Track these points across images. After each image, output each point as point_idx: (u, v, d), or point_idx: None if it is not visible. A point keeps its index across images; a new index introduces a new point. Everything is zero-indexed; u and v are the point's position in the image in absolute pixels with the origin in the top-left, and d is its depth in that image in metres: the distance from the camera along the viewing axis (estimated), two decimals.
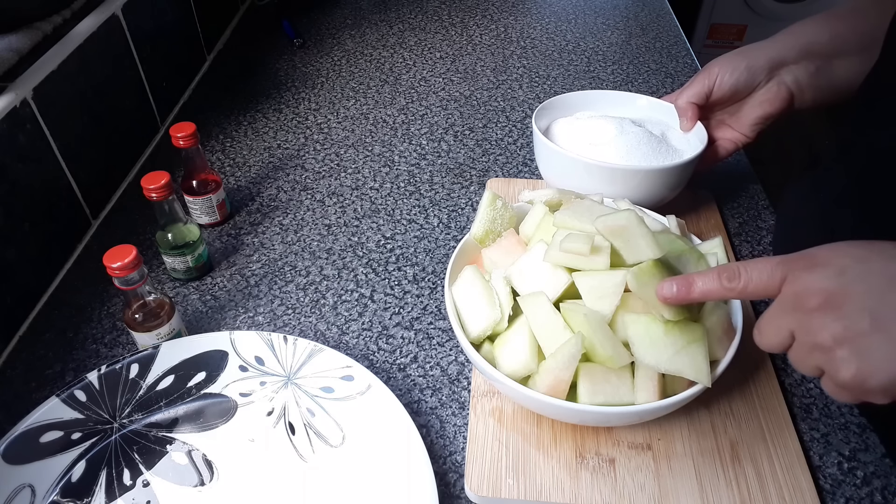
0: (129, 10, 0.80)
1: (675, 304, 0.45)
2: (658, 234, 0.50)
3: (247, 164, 0.85)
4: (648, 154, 0.66)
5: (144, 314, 0.56)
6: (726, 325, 0.50)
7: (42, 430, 0.50)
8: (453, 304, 0.53)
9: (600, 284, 0.48)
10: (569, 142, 0.69)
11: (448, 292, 0.54)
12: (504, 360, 0.49)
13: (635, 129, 0.67)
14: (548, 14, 1.20)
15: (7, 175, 0.61)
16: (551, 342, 0.48)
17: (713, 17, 2.30)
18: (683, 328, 0.47)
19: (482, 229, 0.56)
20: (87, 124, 0.74)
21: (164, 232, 0.64)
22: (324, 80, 1.02)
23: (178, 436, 0.54)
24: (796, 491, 0.49)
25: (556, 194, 0.58)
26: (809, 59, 0.64)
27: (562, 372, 0.46)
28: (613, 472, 0.51)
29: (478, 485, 0.50)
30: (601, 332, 0.47)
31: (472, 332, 0.51)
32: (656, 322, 0.47)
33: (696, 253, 0.52)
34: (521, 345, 0.49)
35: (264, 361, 0.56)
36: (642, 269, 0.46)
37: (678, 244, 0.52)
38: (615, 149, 0.66)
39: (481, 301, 0.51)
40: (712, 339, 0.49)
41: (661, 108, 0.73)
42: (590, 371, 0.47)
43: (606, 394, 0.47)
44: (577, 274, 0.49)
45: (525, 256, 0.52)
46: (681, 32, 1.14)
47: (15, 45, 0.65)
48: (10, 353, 0.62)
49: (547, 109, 0.73)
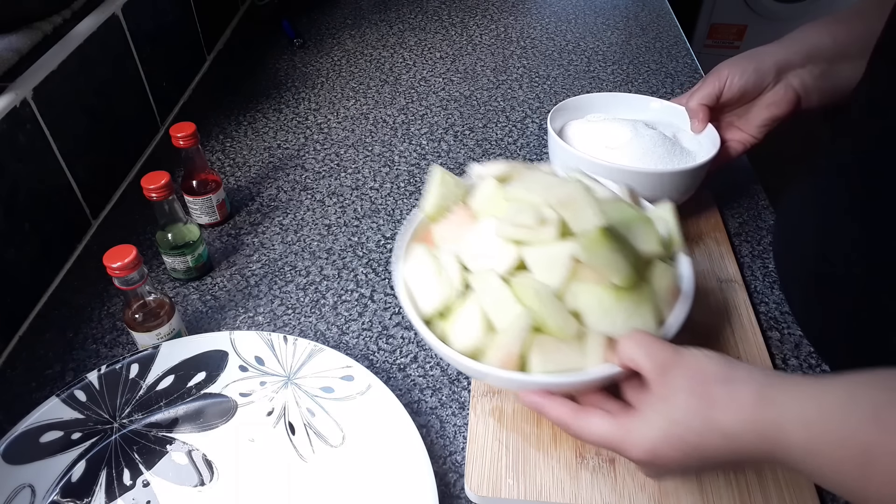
0: (129, 10, 0.80)
1: (526, 404, 0.48)
2: (607, 203, 0.51)
3: (247, 164, 0.85)
4: (664, 157, 0.66)
5: (144, 314, 0.56)
6: (673, 288, 0.51)
7: (42, 430, 0.50)
8: (404, 282, 0.52)
9: (549, 256, 0.48)
10: (584, 144, 0.69)
11: (398, 271, 0.53)
12: (456, 337, 0.49)
13: (650, 132, 0.67)
14: (548, 14, 1.20)
15: (7, 175, 0.61)
16: (502, 317, 0.48)
17: (713, 17, 2.30)
18: (633, 293, 0.47)
19: (434, 206, 0.55)
20: (87, 124, 0.74)
21: (164, 232, 0.64)
22: (324, 80, 1.02)
23: (178, 436, 0.54)
24: (796, 491, 0.49)
25: (506, 168, 0.57)
26: (815, 62, 0.65)
27: (513, 346, 0.47)
28: (613, 471, 0.51)
29: (478, 485, 0.50)
30: (550, 305, 0.47)
31: (424, 309, 0.51)
32: (607, 290, 0.47)
33: (645, 219, 0.52)
34: (472, 320, 0.49)
35: (264, 361, 0.56)
36: (590, 239, 0.46)
37: (628, 212, 0.52)
38: (631, 152, 0.65)
39: (432, 278, 0.51)
40: (662, 301, 0.49)
41: (672, 110, 0.73)
42: (541, 342, 0.47)
43: (558, 363, 0.47)
44: (525, 247, 0.49)
45: (475, 231, 0.52)
46: (681, 32, 1.14)
47: (15, 45, 0.65)
48: (10, 353, 0.62)
49: (559, 112, 0.73)
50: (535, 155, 0.86)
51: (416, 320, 0.50)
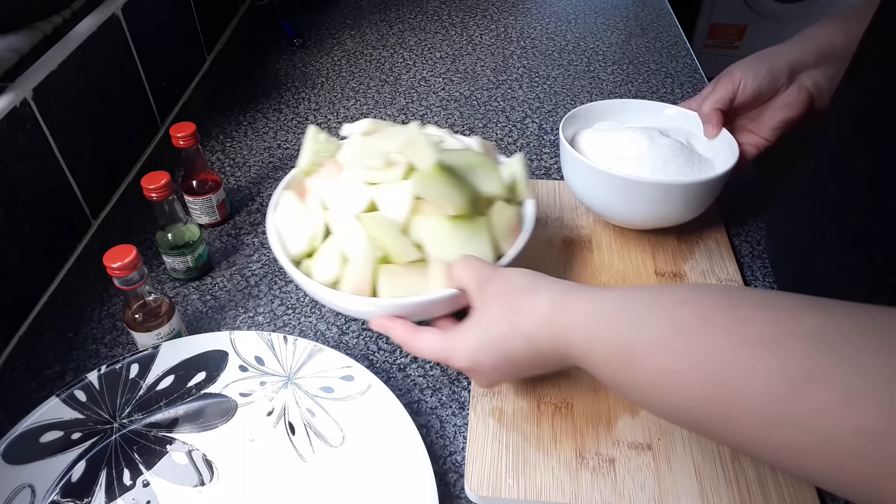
0: (129, 10, 0.80)
1: (375, 328, 0.54)
2: (453, 151, 0.59)
3: (247, 164, 0.85)
4: (683, 166, 0.64)
5: (144, 314, 0.56)
6: (513, 223, 0.57)
7: (42, 430, 0.50)
8: (275, 228, 0.58)
9: (394, 194, 0.55)
10: (599, 155, 0.67)
11: (270, 218, 0.59)
12: (317, 271, 0.55)
13: (666, 141, 0.65)
14: (548, 14, 1.20)
15: (7, 175, 0.61)
16: (354, 249, 0.54)
17: (713, 17, 2.30)
18: (468, 223, 0.54)
19: (307, 162, 0.62)
20: (87, 124, 0.74)
21: (164, 232, 0.64)
22: (324, 80, 1.02)
23: (178, 436, 0.54)
24: (796, 492, 0.49)
25: (371, 125, 0.63)
26: (828, 62, 0.64)
27: (362, 273, 0.53)
28: (613, 472, 0.51)
29: (477, 485, 0.50)
30: (390, 234, 0.53)
31: (293, 250, 0.57)
32: (443, 220, 0.54)
33: (490, 165, 0.58)
34: (330, 255, 0.55)
35: (264, 361, 0.56)
36: (423, 174, 0.53)
37: (473, 158, 0.58)
38: (651, 163, 0.64)
39: (298, 222, 0.58)
40: (499, 235, 0.56)
41: (684, 115, 0.71)
42: (388, 270, 0.53)
43: (403, 288, 0.53)
44: (374, 187, 0.55)
45: (339, 179, 0.58)
46: (681, 32, 1.14)
47: (15, 45, 0.65)
48: (10, 353, 0.62)
49: (570, 122, 0.70)
50: (534, 155, 0.86)
51: (283, 259, 0.56)
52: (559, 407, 0.55)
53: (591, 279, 0.66)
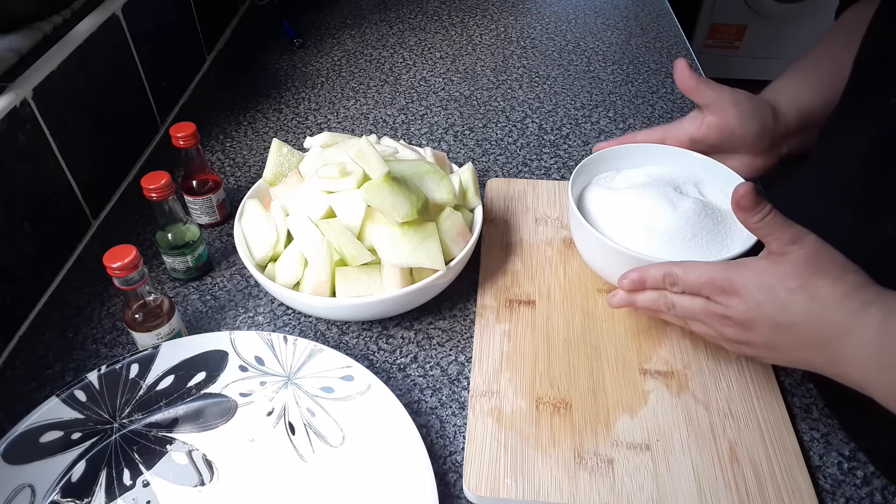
0: (129, 10, 0.80)
1: (619, 304, 0.54)
2: (404, 161, 0.62)
3: (247, 164, 0.85)
4: (711, 230, 0.59)
5: (144, 314, 0.56)
6: (461, 229, 0.61)
7: (42, 430, 0.50)
8: (242, 234, 0.62)
9: (349, 202, 0.59)
10: (613, 219, 0.61)
11: (237, 226, 0.63)
12: (280, 274, 0.60)
13: (688, 203, 0.59)
14: (548, 14, 1.20)
15: (7, 175, 0.61)
16: (312, 253, 0.58)
17: (713, 17, 2.30)
18: (417, 228, 0.57)
19: (271, 173, 0.67)
20: (87, 124, 0.74)
21: (164, 232, 0.64)
22: (324, 80, 1.02)
23: (178, 436, 0.54)
24: (795, 492, 0.49)
25: (330, 138, 0.68)
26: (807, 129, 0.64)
27: (319, 274, 0.58)
28: (612, 472, 0.51)
29: (476, 485, 0.50)
30: (343, 237, 0.58)
31: (257, 255, 0.61)
32: (393, 226, 0.57)
33: (440, 174, 0.62)
34: (291, 259, 0.59)
35: (264, 361, 0.56)
36: (371, 184, 0.56)
37: (423, 167, 0.62)
38: (681, 237, 0.58)
39: (262, 229, 0.62)
40: (448, 239, 0.60)
41: (685, 158, 0.66)
42: (344, 272, 0.58)
43: (359, 289, 0.58)
44: (332, 196, 0.60)
45: (300, 189, 0.63)
46: (681, 32, 1.14)
47: (15, 45, 0.65)
48: (10, 353, 0.62)
49: (578, 175, 0.65)
50: (534, 155, 0.86)
51: (249, 264, 0.60)
52: (558, 407, 0.55)
53: (591, 279, 0.66)
